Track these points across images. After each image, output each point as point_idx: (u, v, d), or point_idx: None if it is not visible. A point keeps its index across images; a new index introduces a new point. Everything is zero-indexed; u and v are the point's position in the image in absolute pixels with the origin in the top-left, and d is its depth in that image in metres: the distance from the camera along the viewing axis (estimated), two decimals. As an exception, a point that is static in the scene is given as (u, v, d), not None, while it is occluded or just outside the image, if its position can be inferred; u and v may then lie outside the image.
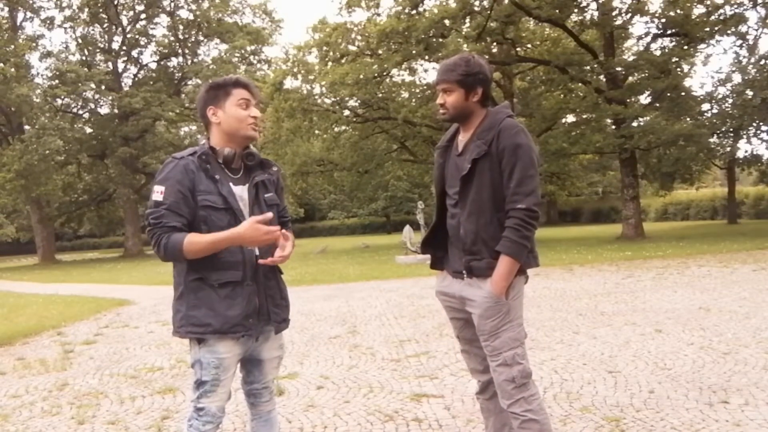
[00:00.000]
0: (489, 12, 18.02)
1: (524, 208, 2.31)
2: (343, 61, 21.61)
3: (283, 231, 2.21)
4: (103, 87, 30.51)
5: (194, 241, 2.09)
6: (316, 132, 25.52)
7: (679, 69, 19.38)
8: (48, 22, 31.06)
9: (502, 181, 2.37)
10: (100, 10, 30.92)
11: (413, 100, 23.97)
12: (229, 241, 2.11)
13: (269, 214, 2.17)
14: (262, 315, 2.24)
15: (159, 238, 2.10)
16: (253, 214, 2.23)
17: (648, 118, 18.25)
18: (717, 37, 18.95)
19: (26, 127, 28.88)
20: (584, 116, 22.09)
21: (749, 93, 17.47)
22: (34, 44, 30.12)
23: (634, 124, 18.35)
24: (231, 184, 2.22)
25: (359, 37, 22.49)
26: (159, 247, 2.11)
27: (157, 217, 2.11)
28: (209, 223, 2.15)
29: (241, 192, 2.24)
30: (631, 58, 19.91)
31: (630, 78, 19.59)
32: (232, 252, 2.16)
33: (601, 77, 19.23)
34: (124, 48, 32.36)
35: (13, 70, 25.00)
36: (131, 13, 32.36)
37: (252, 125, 2.25)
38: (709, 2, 18.82)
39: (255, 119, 2.25)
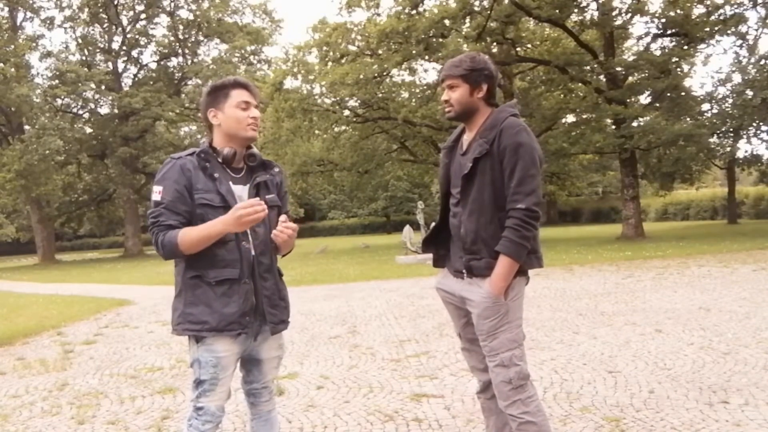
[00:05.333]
0: (489, 12, 18.02)
1: (524, 208, 2.30)
2: (343, 61, 21.60)
3: (283, 215, 2.23)
4: (103, 87, 30.54)
5: (186, 232, 2.11)
6: (316, 132, 25.51)
7: (679, 69, 19.38)
8: (48, 22, 31.06)
9: (503, 180, 2.36)
10: (100, 10, 30.93)
11: (413, 100, 23.95)
12: (218, 224, 2.10)
13: (255, 200, 2.14)
14: (258, 314, 2.24)
15: (157, 237, 2.13)
16: None
17: (648, 118, 18.25)
18: (717, 37, 18.95)
19: (26, 127, 28.89)
20: (584, 116, 22.09)
21: (749, 93, 17.46)
22: (34, 44, 30.13)
23: (634, 124, 18.35)
24: (231, 183, 2.23)
25: (359, 37, 22.47)
26: (158, 245, 2.14)
27: (155, 216, 2.15)
28: (206, 222, 2.15)
29: (240, 192, 2.25)
30: (631, 58, 19.89)
31: (630, 78, 19.59)
32: (229, 250, 2.17)
33: (601, 77, 19.23)
34: (124, 48, 32.37)
35: (13, 70, 25.01)
36: (131, 13, 32.37)
37: (251, 126, 2.26)
38: (709, 2, 18.82)
39: (255, 120, 2.27)
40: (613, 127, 19.11)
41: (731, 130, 19.15)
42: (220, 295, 2.16)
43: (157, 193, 2.16)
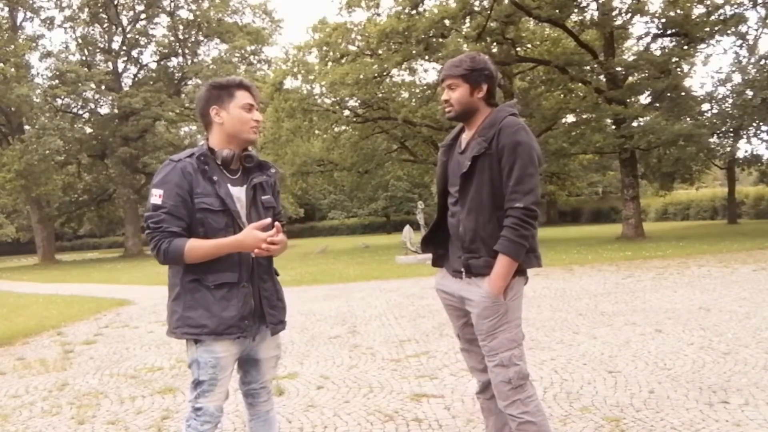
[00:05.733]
0: (489, 12, 18.02)
1: (522, 207, 2.30)
2: (343, 61, 21.61)
3: (276, 224, 2.21)
4: (103, 87, 30.54)
5: (195, 247, 2.10)
6: (316, 132, 25.51)
7: (679, 69, 19.38)
8: (48, 22, 31.08)
9: (501, 179, 2.36)
10: (100, 10, 30.93)
11: (413, 100, 23.95)
12: (231, 248, 2.13)
13: (267, 220, 2.17)
14: (256, 316, 2.24)
15: (159, 243, 2.10)
16: (250, 216, 2.23)
17: (648, 118, 18.26)
18: (717, 37, 18.96)
19: (26, 127, 28.90)
20: (584, 116, 22.09)
21: (749, 93, 17.47)
22: (34, 44, 30.14)
23: (634, 124, 18.35)
24: (229, 185, 2.22)
25: (359, 37, 22.48)
26: (159, 252, 2.11)
27: (157, 221, 2.11)
28: (206, 226, 2.15)
29: (238, 193, 2.24)
30: (631, 58, 19.90)
31: (630, 78, 19.59)
32: (228, 254, 2.16)
33: (601, 77, 19.23)
34: (124, 48, 32.37)
35: (13, 70, 25.02)
36: (131, 13, 32.38)
37: (254, 128, 2.26)
38: (709, 2, 18.83)
39: (257, 123, 2.27)
40: (613, 127, 19.11)
41: (731, 130, 19.16)
42: (219, 298, 2.15)
43: (156, 196, 2.12)
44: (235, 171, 2.28)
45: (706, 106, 20.19)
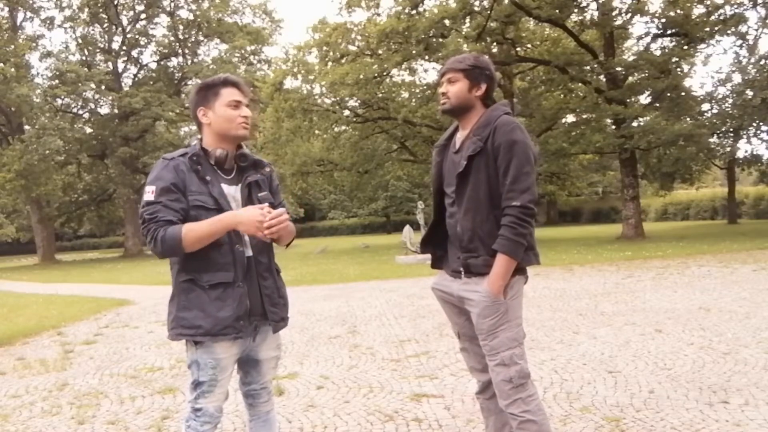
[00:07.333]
0: (489, 12, 18.03)
1: (519, 205, 2.30)
2: (343, 61, 21.62)
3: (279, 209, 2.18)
4: (103, 87, 30.51)
5: (193, 228, 2.06)
6: (316, 132, 25.52)
7: (679, 69, 19.40)
8: (48, 22, 31.07)
9: (498, 177, 2.37)
10: (100, 10, 30.92)
11: (413, 100, 23.97)
12: (227, 224, 2.07)
13: (265, 205, 2.13)
14: (254, 316, 2.22)
15: (155, 233, 2.06)
16: None
17: (648, 118, 18.27)
18: (717, 37, 18.98)
19: (26, 127, 28.89)
20: (584, 116, 22.10)
21: (749, 93, 17.48)
22: (34, 44, 30.13)
23: (634, 124, 18.37)
24: (223, 184, 2.21)
25: (359, 37, 22.49)
26: (156, 241, 2.06)
27: (152, 212, 2.09)
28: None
29: (234, 192, 2.23)
30: (631, 58, 19.92)
31: (630, 78, 19.60)
32: (223, 253, 2.15)
33: (601, 77, 19.24)
34: (124, 48, 32.36)
35: (13, 70, 24.99)
36: (131, 13, 32.36)
37: (243, 124, 2.23)
38: (709, 2, 18.84)
39: (246, 118, 2.23)
40: (613, 127, 19.12)
41: (731, 130, 19.18)
42: (214, 299, 2.13)
43: (150, 193, 2.11)
44: (230, 170, 2.27)
45: (706, 106, 20.23)
